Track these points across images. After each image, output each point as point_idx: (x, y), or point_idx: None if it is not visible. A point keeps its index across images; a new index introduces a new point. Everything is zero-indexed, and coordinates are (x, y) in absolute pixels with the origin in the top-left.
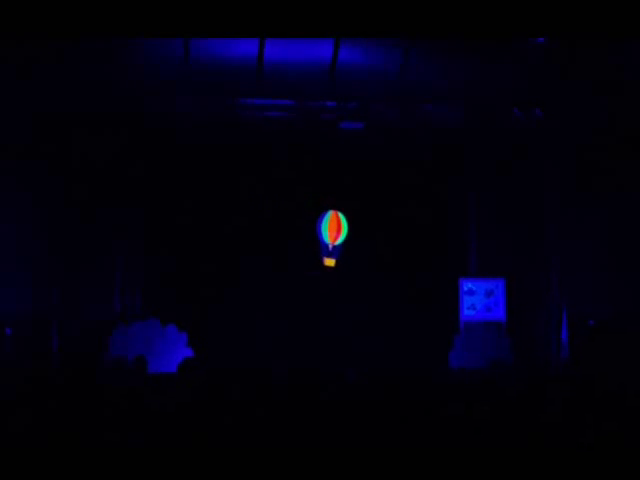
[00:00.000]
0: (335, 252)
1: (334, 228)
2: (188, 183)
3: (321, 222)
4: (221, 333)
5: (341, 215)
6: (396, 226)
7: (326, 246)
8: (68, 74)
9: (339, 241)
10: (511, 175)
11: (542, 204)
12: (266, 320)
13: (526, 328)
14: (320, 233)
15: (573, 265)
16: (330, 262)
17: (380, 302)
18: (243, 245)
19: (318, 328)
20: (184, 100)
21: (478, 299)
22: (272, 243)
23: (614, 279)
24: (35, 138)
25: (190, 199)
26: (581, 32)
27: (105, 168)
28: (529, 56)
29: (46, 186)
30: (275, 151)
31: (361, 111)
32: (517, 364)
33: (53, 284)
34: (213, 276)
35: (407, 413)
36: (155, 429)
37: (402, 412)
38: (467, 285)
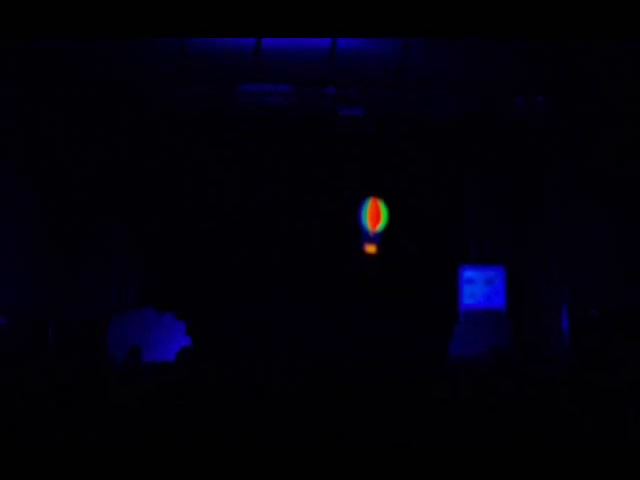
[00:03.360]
0: (376, 239)
1: (374, 215)
2: (186, 167)
3: (361, 209)
4: (220, 323)
5: (380, 202)
6: (395, 214)
7: (367, 233)
8: (68, 73)
9: (379, 228)
10: (512, 163)
11: (543, 192)
12: (265, 309)
13: (526, 316)
14: (361, 220)
15: (574, 254)
16: (371, 249)
17: (380, 290)
18: (242, 234)
19: (316, 319)
20: (182, 90)
21: (478, 287)
22: (270, 231)
23: (616, 269)
24: (35, 138)
25: (187, 185)
26: (581, 32)
27: (105, 167)
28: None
29: (46, 185)
30: (273, 138)
31: (361, 98)
32: (517, 352)
33: (49, 279)
34: (212, 267)
35: (408, 406)
36: (152, 422)
37: (403, 405)
38: (467, 273)
